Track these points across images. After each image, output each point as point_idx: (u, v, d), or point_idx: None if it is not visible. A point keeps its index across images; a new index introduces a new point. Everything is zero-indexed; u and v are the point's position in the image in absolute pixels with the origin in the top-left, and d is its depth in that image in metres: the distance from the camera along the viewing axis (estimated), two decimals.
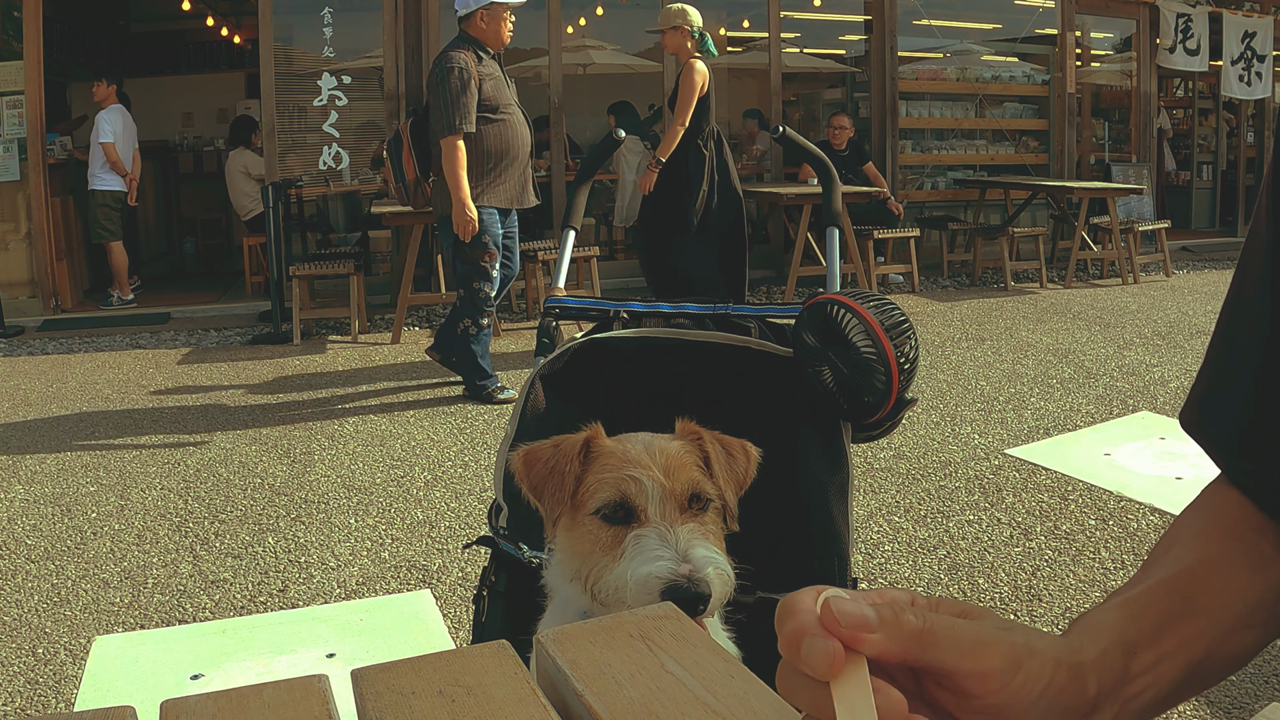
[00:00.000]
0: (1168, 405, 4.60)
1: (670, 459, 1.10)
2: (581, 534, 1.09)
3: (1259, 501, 0.63)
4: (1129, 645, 0.55)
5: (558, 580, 1.16)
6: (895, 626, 0.46)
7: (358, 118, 7.80)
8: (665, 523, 1.04)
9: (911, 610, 0.48)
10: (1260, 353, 0.63)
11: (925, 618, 0.47)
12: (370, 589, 2.98)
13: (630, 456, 1.10)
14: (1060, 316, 6.93)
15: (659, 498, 1.06)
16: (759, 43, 9.38)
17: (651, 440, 1.13)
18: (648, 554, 1.01)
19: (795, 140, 1.96)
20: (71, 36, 9.01)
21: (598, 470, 1.10)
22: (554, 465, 1.11)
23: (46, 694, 2.47)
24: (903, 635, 0.46)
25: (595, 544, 1.08)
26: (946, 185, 9.63)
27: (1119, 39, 10.59)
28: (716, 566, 1.01)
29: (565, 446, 1.12)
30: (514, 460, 1.15)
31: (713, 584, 1.00)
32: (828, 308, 1.46)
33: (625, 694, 0.58)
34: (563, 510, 1.10)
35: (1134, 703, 0.54)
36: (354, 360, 6.01)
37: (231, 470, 4.05)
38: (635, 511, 1.06)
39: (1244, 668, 2.21)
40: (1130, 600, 0.58)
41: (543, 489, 1.11)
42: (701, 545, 1.03)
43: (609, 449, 1.12)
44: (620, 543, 1.05)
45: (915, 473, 3.85)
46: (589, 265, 7.10)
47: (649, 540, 1.03)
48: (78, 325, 7.18)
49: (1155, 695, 0.55)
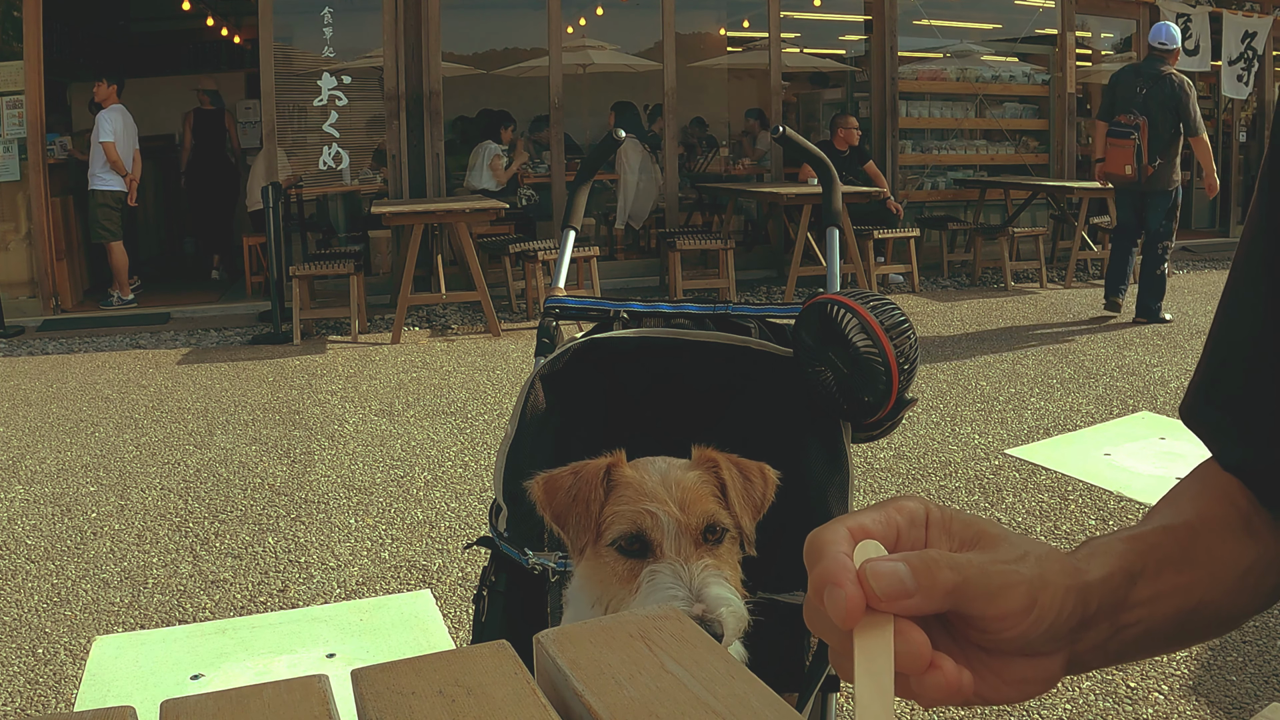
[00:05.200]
0: (1168, 405, 4.60)
1: (686, 491, 1.10)
2: (600, 564, 1.10)
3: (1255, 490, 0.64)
4: (1132, 574, 0.57)
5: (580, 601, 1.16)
6: (931, 588, 0.48)
7: (358, 118, 7.81)
8: (680, 559, 1.05)
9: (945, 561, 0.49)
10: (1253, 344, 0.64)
11: (957, 568, 0.49)
12: (370, 589, 2.98)
13: (646, 489, 1.10)
14: (1060, 316, 6.93)
15: (674, 532, 1.07)
16: (759, 43, 9.38)
17: (668, 470, 1.14)
18: (661, 592, 1.02)
19: (795, 140, 1.96)
20: (71, 36, 9.01)
21: (615, 501, 1.11)
22: (576, 494, 1.11)
23: (46, 694, 2.47)
24: (938, 595, 0.49)
25: (613, 575, 1.09)
26: (946, 185, 9.63)
27: (1119, 39, 10.59)
28: (729, 606, 1.02)
29: (586, 474, 1.13)
30: (534, 489, 1.15)
31: (726, 624, 1.01)
32: (828, 308, 1.45)
33: (625, 694, 0.58)
34: (589, 540, 1.11)
35: (1126, 631, 0.57)
36: (354, 360, 6.01)
37: (231, 470, 4.05)
38: (651, 545, 1.07)
39: (1244, 669, 2.19)
40: (1135, 537, 0.60)
41: (567, 518, 1.12)
42: (715, 583, 1.04)
43: (628, 479, 1.12)
44: (636, 576, 1.06)
45: (915, 473, 3.85)
46: (589, 265, 7.11)
47: (663, 577, 1.04)
48: (78, 325, 7.18)
49: (1144, 631, 0.57)
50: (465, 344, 6.42)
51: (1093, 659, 0.57)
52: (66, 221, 7.74)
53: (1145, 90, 6.24)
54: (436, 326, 7.02)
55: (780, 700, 0.62)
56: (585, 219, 8.24)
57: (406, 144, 7.71)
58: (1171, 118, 6.21)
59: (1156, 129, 6.20)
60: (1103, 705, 2.31)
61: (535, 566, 1.37)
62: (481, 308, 6.78)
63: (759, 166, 9.44)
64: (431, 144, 7.76)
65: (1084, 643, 0.55)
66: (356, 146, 7.85)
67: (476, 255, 6.79)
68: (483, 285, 6.63)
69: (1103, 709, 2.30)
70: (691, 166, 9.71)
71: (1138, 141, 6.15)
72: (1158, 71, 6.25)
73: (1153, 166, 6.19)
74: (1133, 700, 2.33)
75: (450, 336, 6.68)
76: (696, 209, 9.45)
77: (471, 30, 9.34)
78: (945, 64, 9.77)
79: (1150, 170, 6.19)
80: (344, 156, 7.71)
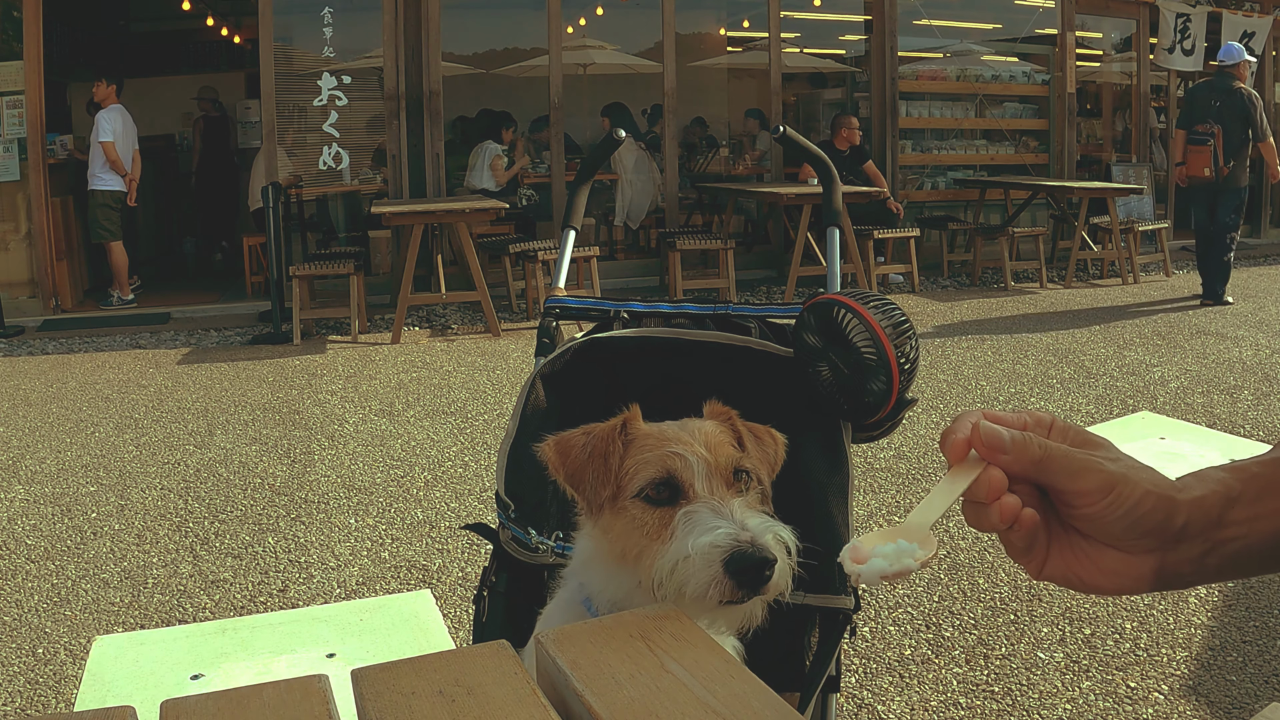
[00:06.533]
0: (1168, 405, 4.60)
1: (709, 436, 1.06)
2: (625, 518, 1.04)
3: None
4: (1230, 497, 0.65)
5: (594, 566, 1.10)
6: (1022, 451, 0.64)
7: (358, 118, 7.81)
8: (714, 497, 1.00)
9: (1037, 440, 0.65)
10: None
11: (1045, 447, 0.65)
12: (370, 589, 2.98)
13: (669, 435, 1.06)
14: (1060, 316, 6.93)
15: (705, 473, 1.02)
16: (759, 43, 9.38)
17: (685, 422, 1.10)
18: (704, 525, 0.96)
19: (796, 140, 1.96)
20: (71, 36, 9.01)
21: (636, 452, 1.06)
22: (592, 450, 1.06)
23: (46, 694, 2.47)
24: (1026, 459, 0.64)
25: (640, 530, 1.02)
26: (946, 185, 9.63)
27: (1119, 39, 10.59)
28: (776, 534, 0.96)
29: (600, 431, 1.08)
30: (546, 450, 1.10)
31: (776, 552, 0.95)
32: (828, 308, 1.45)
33: (625, 694, 0.58)
34: (607, 495, 1.05)
35: (1227, 546, 0.65)
36: (354, 360, 6.01)
37: (231, 470, 4.05)
38: (683, 488, 1.02)
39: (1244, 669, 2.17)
40: (1240, 467, 0.68)
41: (582, 476, 1.06)
42: (756, 515, 0.99)
43: (646, 431, 1.08)
44: (667, 525, 1.00)
45: (915, 473, 3.85)
46: (589, 265, 7.11)
47: (701, 514, 0.98)
48: (78, 325, 7.18)
49: (1245, 546, 0.65)
50: (465, 344, 6.42)
51: (1191, 573, 0.66)
52: (66, 221, 7.74)
53: (1219, 103, 7.23)
54: (436, 326, 7.02)
55: (780, 700, 0.62)
56: (585, 219, 8.24)
57: (406, 144, 7.71)
58: (1241, 126, 7.19)
59: (1229, 136, 7.18)
60: (1103, 705, 2.31)
61: (538, 545, 1.37)
62: (481, 308, 6.78)
63: (759, 166, 9.44)
64: (431, 144, 7.76)
65: (1177, 554, 0.65)
66: (356, 146, 7.85)
67: (476, 255, 6.79)
68: (483, 285, 6.63)
69: (1103, 709, 2.30)
70: (691, 166, 9.71)
71: (1214, 146, 7.15)
72: (1229, 86, 7.24)
73: (1227, 168, 7.18)
74: (1133, 700, 2.33)
75: (450, 336, 6.68)
76: (696, 209, 9.45)
77: (471, 30, 9.35)
78: (945, 64, 9.77)
79: (1225, 171, 7.18)
80: (344, 156, 7.71)
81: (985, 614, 2.76)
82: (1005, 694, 2.37)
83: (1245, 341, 6.01)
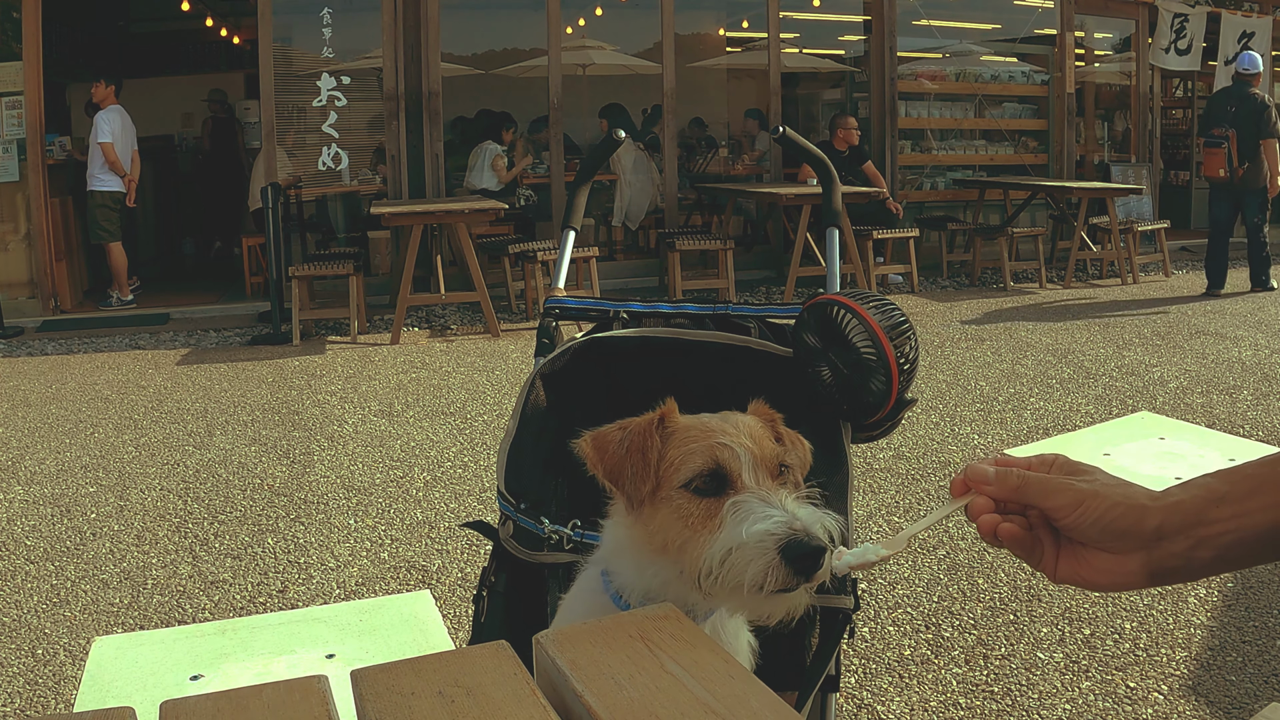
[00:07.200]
0: (1167, 405, 4.60)
1: (753, 429, 1.06)
2: (668, 511, 1.03)
3: None
4: (1213, 498, 0.72)
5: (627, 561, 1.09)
6: (1003, 481, 0.81)
7: (357, 118, 7.81)
8: (762, 489, 1.00)
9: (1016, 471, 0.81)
10: None
11: (1023, 476, 0.80)
12: (370, 589, 2.98)
13: (713, 427, 1.06)
14: (1060, 316, 6.93)
15: (751, 464, 1.02)
16: (759, 43, 9.39)
17: (726, 415, 1.10)
18: (756, 514, 0.96)
19: (795, 140, 1.96)
20: (71, 36, 9.00)
21: (678, 444, 1.05)
22: (630, 445, 1.05)
23: (46, 694, 2.47)
24: (1007, 487, 0.81)
25: (684, 521, 1.01)
26: (946, 185, 9.63)
27: (1119, 39, 10.60)
28: (824, 524, 0.96)
29: (637, 425, 1.07)
30: (583, 446, 1.09)
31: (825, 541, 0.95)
32: (828, 308, 1.46)
33: (625, 694, 0.58)
34: (648, 490, 1.04)
35: (1216, 540, 0.72)
36: (353, 361, 6.01)
37: (231, 471, 4.05)
38: (730, 478, 1.01)
39: (1244, 669, 2.17)
40: (1235, 469, 0.74)
41: (621, 471, 1.05)
42: (804, 506, 0.99)
43: (686, 424, 1.07)
44: (715, 515, 0.99)
45: (915, 473, 3.85)
46: (588, 266, 7.10)
47: (751, 504, 0.98)
48: (77, 326, 7.18)
49: (1237, 539, 0.71)
50: (464, 344, 6.42)
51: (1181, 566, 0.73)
52: (66, 222, 7.73)
53: (1235, 108, 7.61)
54: (436, 327, 7.02)
55: (780, 700, 0.62)
56: (585, 219, 8.25)
57: (406, 144, 7.71)
58: (1255, 129, 7.53)
59: (1244, 139, 7.55)
60: (1103, 705, 2.31)
61: (551, 534, 1.36)
62: (481, 308, 6.78)
63: (758, 167, 9.44)
64: (431, 144, 7.76)
65: (1161, 550, 0.74)
66: (356, 147, 7.85)
67: (476, 256, 6.79)
68: (482, 286, 6.63)
69: (1103, 709, 2.30)
70: (691, 167, 9.71)
71: (1228, 149, 7.55)
72: (1245, 93, 7.62)
73: (1242, 169, 7.55)
74: (1132, 700, 2.33)
75: (450, 337, 6.68)
76: (696, 209, 9.45)
77: (471, 30, 9.35)
78: (944, 64, 9.77)
79: (1240, 172, 7.56)
80: (343, 157, 7.71)
81: (985, 614, 2.76)
82: (1005, 694, 2.37)
83: (1245, 341, 6.02)
